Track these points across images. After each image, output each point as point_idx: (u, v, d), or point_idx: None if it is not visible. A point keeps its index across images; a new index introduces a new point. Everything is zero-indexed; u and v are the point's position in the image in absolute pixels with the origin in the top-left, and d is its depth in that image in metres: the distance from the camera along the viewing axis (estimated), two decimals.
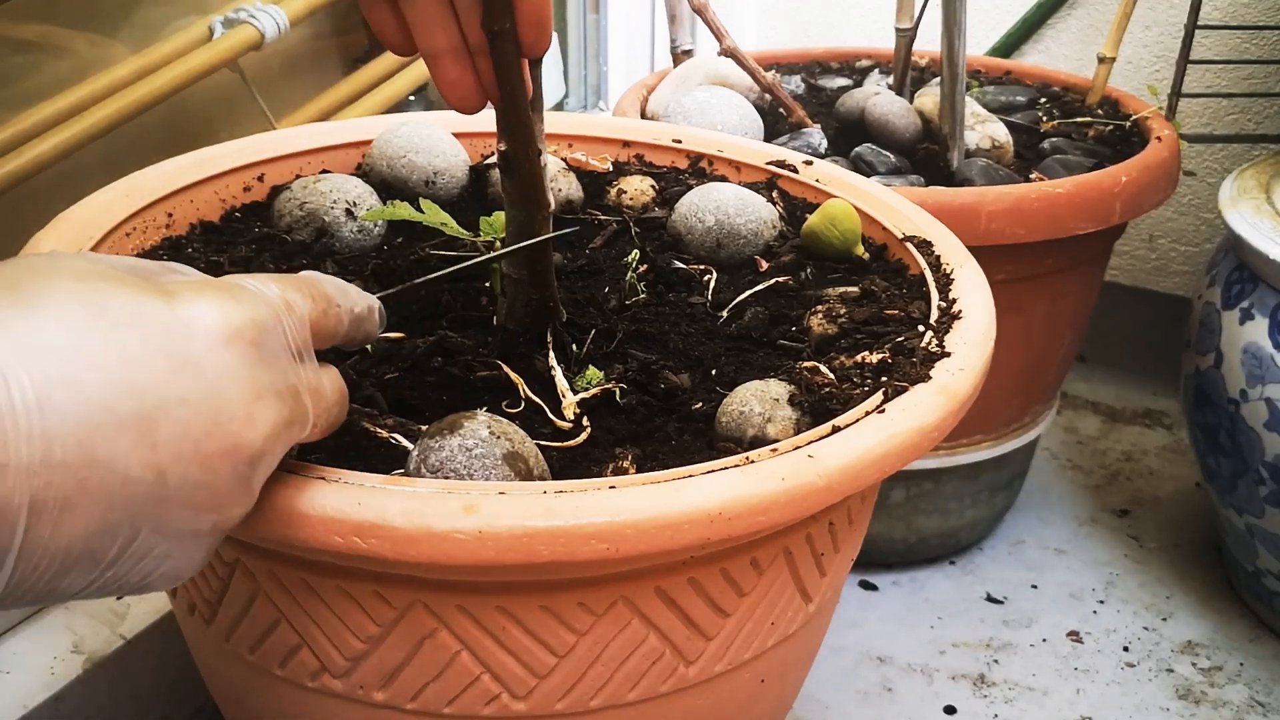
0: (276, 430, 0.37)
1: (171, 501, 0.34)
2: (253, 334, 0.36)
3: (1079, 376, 1.36)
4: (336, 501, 0.40)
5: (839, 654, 0.93)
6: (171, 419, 0.33)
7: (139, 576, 0.35)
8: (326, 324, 0.41)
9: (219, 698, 0.60)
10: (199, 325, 0.35)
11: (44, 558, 0.31)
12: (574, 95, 1.35)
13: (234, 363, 0.35)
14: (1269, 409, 0.87)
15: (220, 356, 0.35)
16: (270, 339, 0.37)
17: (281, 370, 0.37)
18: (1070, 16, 1.29)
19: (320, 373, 0.41)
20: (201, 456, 0.34)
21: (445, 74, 0.48)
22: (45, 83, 0.81)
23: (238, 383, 0.35)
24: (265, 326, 0.37)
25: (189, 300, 0.35)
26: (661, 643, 0.48)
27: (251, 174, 0.69)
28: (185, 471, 0.34)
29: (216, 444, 0.34)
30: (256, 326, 0.36)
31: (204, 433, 0.34)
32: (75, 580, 0.33)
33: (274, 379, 0.37)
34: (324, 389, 0.41)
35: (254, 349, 0.36)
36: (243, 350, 0.36)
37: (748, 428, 0.49)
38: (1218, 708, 0.90)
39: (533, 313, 0.56)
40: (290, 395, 0.38)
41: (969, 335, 0.54)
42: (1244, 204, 0.92)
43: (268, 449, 0.37)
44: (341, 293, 0.43)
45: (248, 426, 0.35)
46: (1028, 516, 1.11)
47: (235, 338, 0.35)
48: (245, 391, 0.35)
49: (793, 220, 0.70)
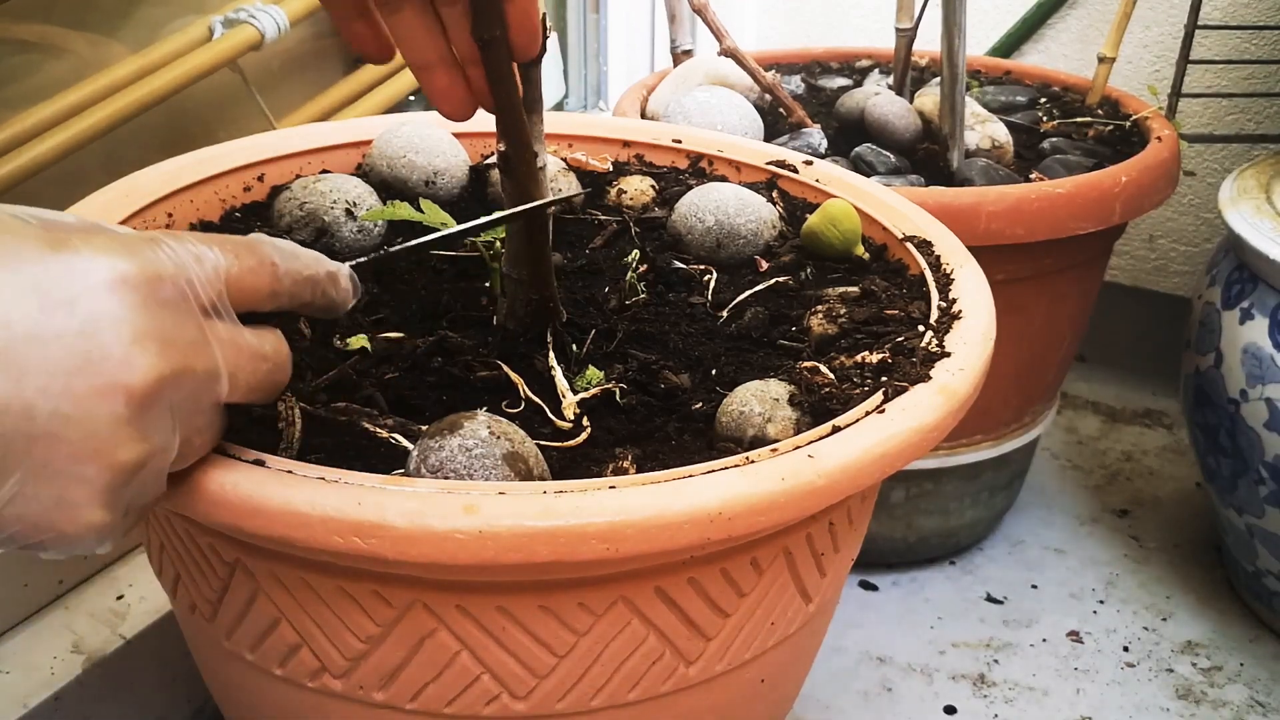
0: (162, 374, 0.37)
1: (43, 438, 0.34)
2: (139, 280, 0.36)
3: (1079, 376, 1.36)
4: (336, 501, 0.40)
5: (839, 654, 0.93)
6: (40, 355, 0.34)
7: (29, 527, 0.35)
8: (256, 282, 0.41)
9: (219, 698, 0.60)
10: (79, 269, 0.35)
11: None
12: (574, 95, 1.35)
13: (114, 306, 0.36)
14: (1269, 409, 0.87)
15: (99, 300, 0.35)
16: (164, 287, 0.37)
17: (175, 318, 0.38)
18: (1070, 16, 1.29)
19: (242, 330, 0.41)
20: (71, 394, 0.35)
21: (435, 84, 0.48)
22: (45, 83, 0.81)
23: (116, 324, 0.36)
24: (159, 274, 0.37)
25: (75, 248, 0.36)
26: (661, 643, 0.48)
27: (251, 174, 0.69)
28: (54, 406, 0.34)
29: (87, 381, 0.35)
30: (145, 274, 0.37)
31: (74, 368, 0.34)
32: None
33: (163, 325, 0.37)
34: (246, 344, 0.41)
35: (138, 294, 0.36)
36: (125, 295, 0.36)
37: (748, 428, 0.49)
38: (1218, 708, 0.90)
39: (533, 313, 0.56)
40: (186, 345, 0.38)
41: (969, 335, 0.54)
42: (1244, 204, 0.92)
43: (152, 392, 0.36)
44: (288, 255, 0.43)
45: (124, 367, 0.36)
46: (1028, 516, 1.11)
47: (118, 284, 0.36)
48: (124, 333, 0.36)
49: (793, 220, 0.70)
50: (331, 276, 0.45)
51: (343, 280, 0.46)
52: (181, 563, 0.52)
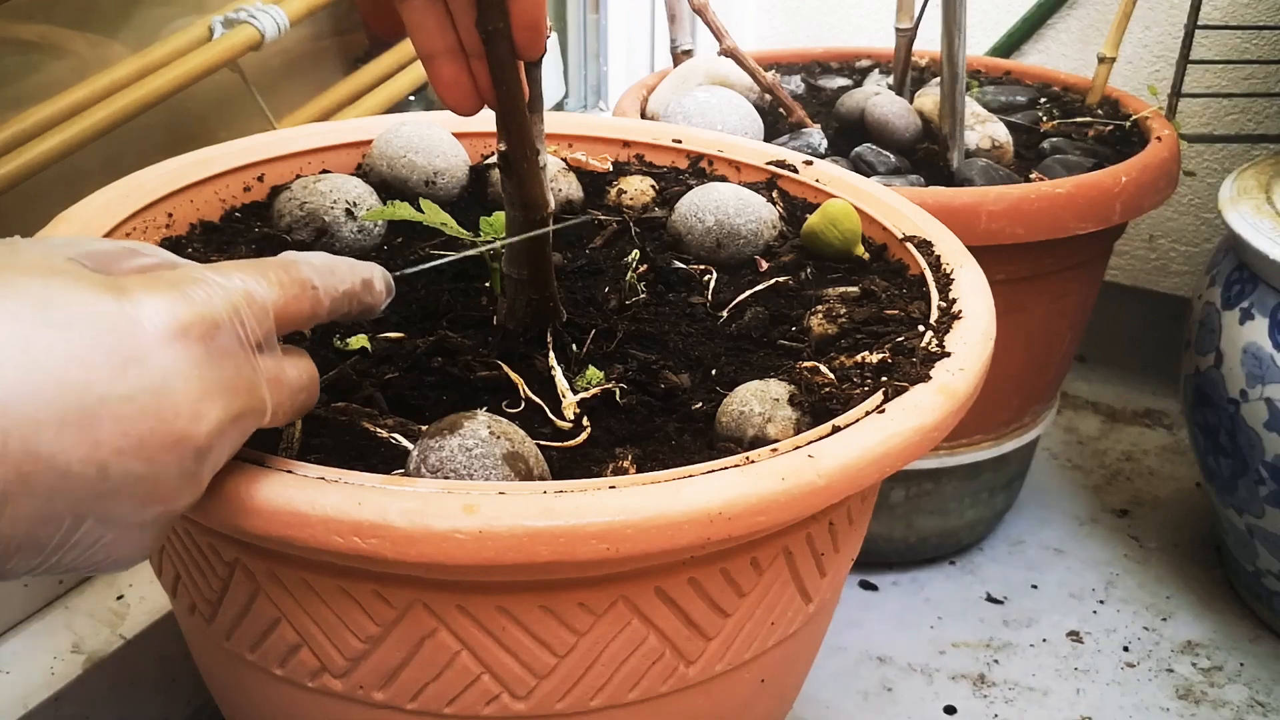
0: (224, 425, 0.37)
1: (114, 495, 0.34)
2: (201, 330, 0.36)
3: (1079, 376, 1.36)
4: (337, 501, 0.40)
5: (839, 654, 0.93)
6: (115, 415, 0.34)
7: (86, 562, 0.36)
8: (300, 308, 0.41)
9: (219, 698, 0.60)
10: (147, 322, 0.35)
11: None
12: (574, 95, 1.35)
13: (181, 360, 0.36)
14: (1269, 409, 0.87)
15: (167, 354, 0.35)
16: (223, 334, 0.37)
17: (234, 365, 0.38)
18: (1070, 16, 1.29)
19: (284, 361, 0.41)
20: (145, 452, 0.35)
21: (441, 75, 0.48)
22: (45, 83, 0.81)
23: (185, 380, 0.36)
24: (217, 322, 0.37)
25: (138, 297, 0.35)
26: (661, 643, 0.48)
27: (251, 174, 0.69)
28: (128, 466, 0.34)
29: (160, 440, 0.35)
30: (206, 322, 0.37)
31: (148, 429, 0.35)
32: (19, 564, 0.34)
33: (225, 374, 0.37)
34: (287, 377, 0.41)
35: (202, 345, 0.36)
36: (190, 347, 0.36)
37: (748, 427, 0.49)
38: (1218, 708, 0.90)
39: (533, 313, 0.56)
40: (244, 389, 0.38)
41: (969, 335, 0.54)
42: (1244, 204, 0.92)
43: (214, 443, 0.37)
44: (324, 272, 0.43)
45: (194, 423, 0.36)
46: (1028, 516, 1.11)
47: (183, 334, 0.36)
48: (192, 389, 0.36)
49: (793, 220, 0.70)
50: (367, 284, 0.45)
51: (377, 283, 0.46)
52: (181, 563, 0.52)
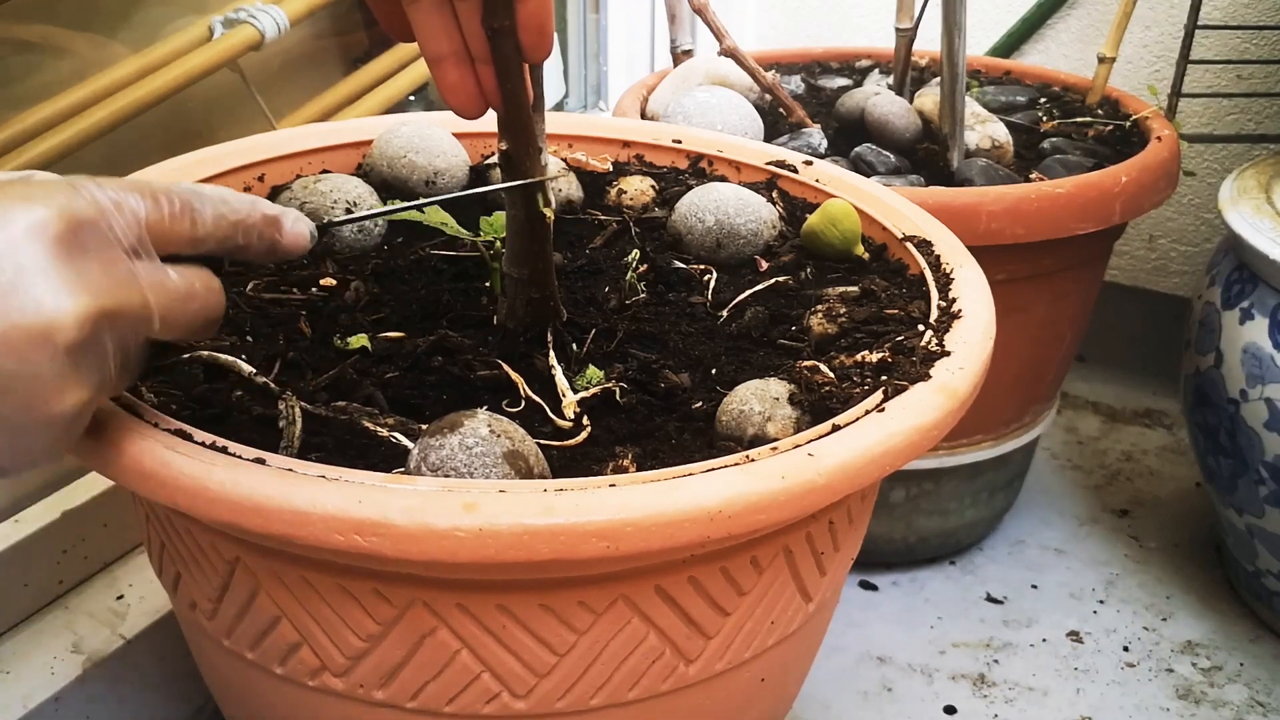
0: (94, 318, 0.38)
1: None
2: (60, 228, 0.37)
3: (1079, 376, 1.36)
4: (337, 500, 0.41)
5: (839, 654, 0.93)
6: None
7: None
8: (179, 227, 0.42)
9: (219, 697, 0.60)
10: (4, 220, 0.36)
11: None
12: (574, 95, 1.35)
13: (38, 255, 0.37)
14: (1269, 409, 0.87)
15: (22, 250, 0.36)
16: (88, 233, 0.38)
17: (101, 262, 0.38)
18: (1070, 16, 1.29)
19: (167, 269, 0.42)
20: (12, 348, 0.36)
21: (447, 78, 0.49)
22: (45, 83, 0.81)
23: (43, 274, 0.37)
24: (78, 220, 0.38)
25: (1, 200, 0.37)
26: (661, 641, 0.48)
27: (252, 174, 0.69)
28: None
29: (24, 334, 0.36)
30: (66, 220, 0.38)
31: (9, 324, 0.36)
32: None
33: (90, 271, 0.38)
34: (173, 284, 0.42)
35: (62, 243, 0.37)
36: (48, 244, 0.37)
37: (748, 426, 0.49)
38: (1218, 708, 0.90)
39: (533, 312, 0.56)
40: (115, 286, 0.39)
41: (969, 335, 0.54)
42: (1244, 204, 0.92)
43: (87, 338, 0.38)
44: (213, 200, 0.44)
45: (57, 315, 0.37)
46: (1028, 516, 1.11)
47: (39, 232, 0.37)
48: (52, 282, 0.37)
49: (793, 220, 0.70)
50: (270, 220, 0.46)
51: (287, 223, 0.46)
52: (182, 561, 0.52)
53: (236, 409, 0.49)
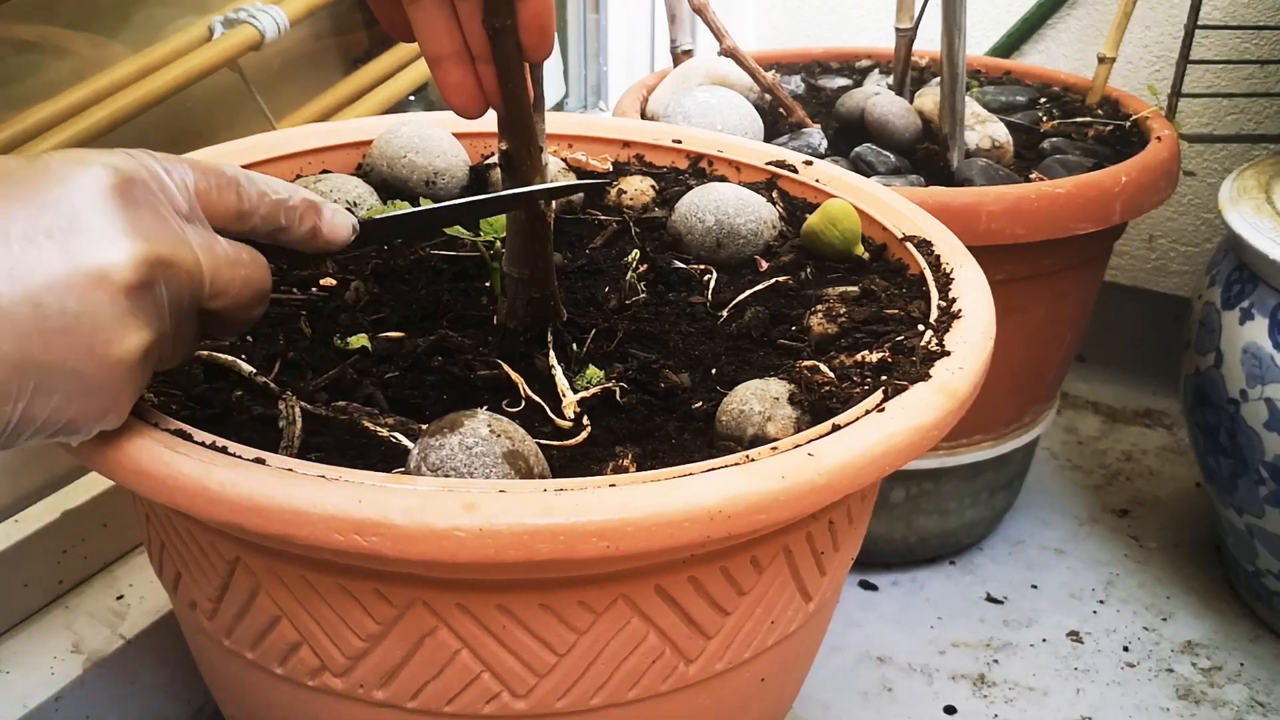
0: (148, 264, 0.38)
1: (55, 334, 0.36)
2: (115, 180, 0.38)
3: (1079, 376, 1.36)
4: (337, 499, 0.41)
5: (839, 654, 0.93)
6: (35, 253, 0.36)
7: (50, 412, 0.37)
8: (225, 199, 0.43)
9: (219, 697, 0.60)
10: (58, 172, 0.38)
11: None
12: (574, 95, 1.35)
13: (96, 201, 0.38)
14: (1269, 409, 0.87)
15: (80, 196, 0.38)
16: (140, 189, 0.39)
17: (153, 215, 0.39)
18: (1070, 16, 1.29)
19: (217, 237, 0.42)
20: (73, 288, 0.37)
21: (448, 78, 0.49)
22: (45, 83, 0.81)
23: (101, 218, 0.38)
24: (133, 177, 0.39)
25: (48, 158, 0.38)
26: (661, 641, 0.48)
27: None
28: (60, 301, 0.36)
29: (85, 274, 0.37)
30: (120, 174, 0.39)
31: (70, 263, 0.37)
32: None
33: (143, 220, 0.39)
34: (223, 250, 0.42)
35: (117, 193, 0.38)
36: (104, 192, 0.38)
37: (748, 426, 0.49)
38: (1218, 708, 0.90)
39: (533, 312, 0.56)
40: (167, 238, 0.39)
41: (968, 334, 0.54)
42: (1244, 204, 0.92)
43: (142, 282, 0.38)
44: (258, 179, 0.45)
45: (115, 256, 0.37)
46: (1028, 516, 1.11)
47: (95, 181, 0.38)
48: (109, 227, 0.38)
49: (793, 220, 0.70)
50: (312, 205, 0.46)
51: (327, 212, 0.47)
52: (182, 561, 0.52)
53: (236, 409, 0.49)
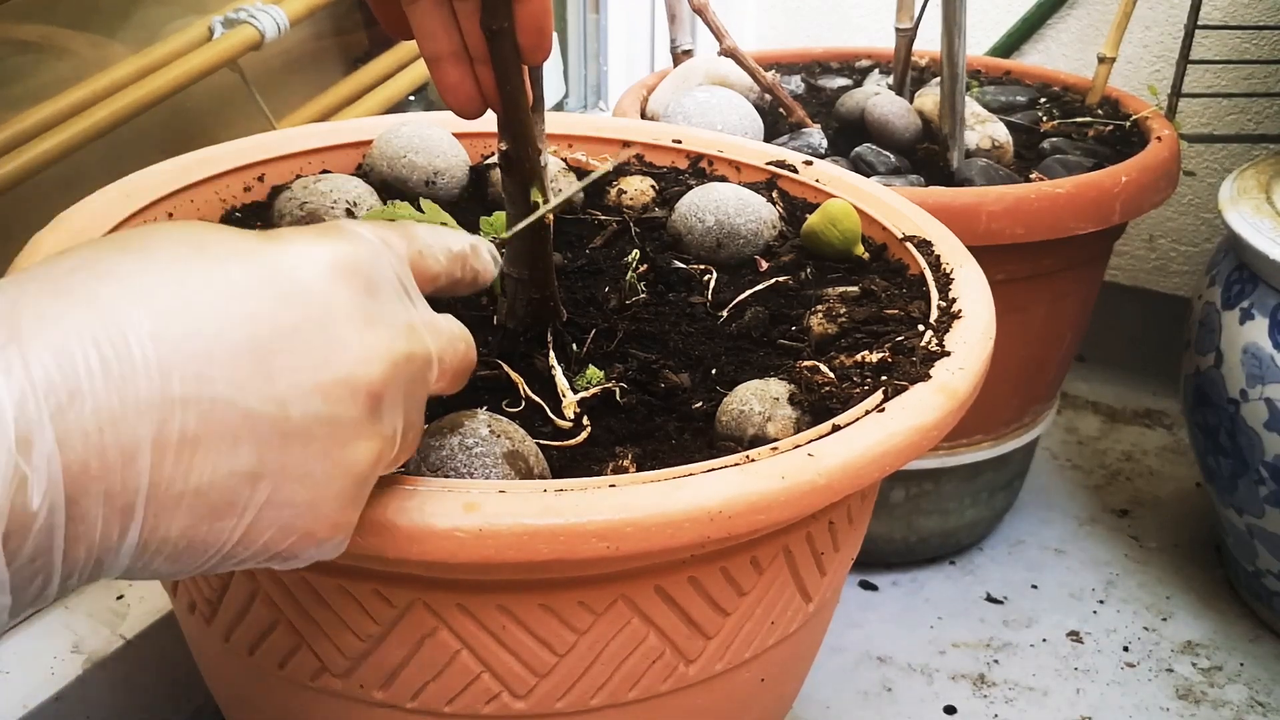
0: (395, 362, 0.36)
1: (297, 437, 0.33)
2: (355, 265, 0.35)
3: (1079, 376, 1.36)
4: None
5: (839, 654, 0.93)
6: (286, 349, 0.32)
7: (277, 530, 0.33)
8: (425, 265, 0.40)
9: (219, 697, 0.60)
10: (303, 257, 0.34)
11: (175, 501, 0.30)
12: (574, 95, 1.35)
13: (342, 292, 0.34)
14: (1269, 409, 0.87)
15: (327, 286, 0.34)
16: (376, 273, 0.36)
17: (392, 304, 0.37)
18: (1070, 16, 1.29)
19: (434, 313, 0.40)
20: (320, 387, 0.33)
21: (446, 78, 0.49)
22: (45, 83, 0.81)
23: (348, 311, 0.34)
24: (369, 260, 0.36)
25: (289, 238, 0.35)
26: (661, 642, 0.48)
27: (252, 174, 0.69)
28: (305, 403, 0.33)
29: (332, 373, 0.34)
30: (359, 259, 0.36)
31: (321, 360, 0.33)
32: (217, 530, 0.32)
33: (385, 311, 0.36)
34: (441, 324, 0.39)
35: (359, 280, 0.35)
36: (349, 281, 0.35)
37: (748, 426, 0.49)
38: (1218, 708, 0.90)
39: (533, 312, 0.56)
40: (404, 329, 0.37)
41: (969, 335, 0.54)
42: (1244, 204, 0.92)
43: (387, 385, 0.35)
44: (438, 233, 0.42)
45: (364, 356, 0.34)
46: (1028, 516, 1.11)
47: (339, 268, 0.35)
48: (356, 320, 0.35)
49: (793, 220, 0.70)
50: (475, 249, 0.43)
51: (484, 252, 0.44)
52: None
53: None
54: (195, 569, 0.33)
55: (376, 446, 0.36)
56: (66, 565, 0.29)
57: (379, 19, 0.49)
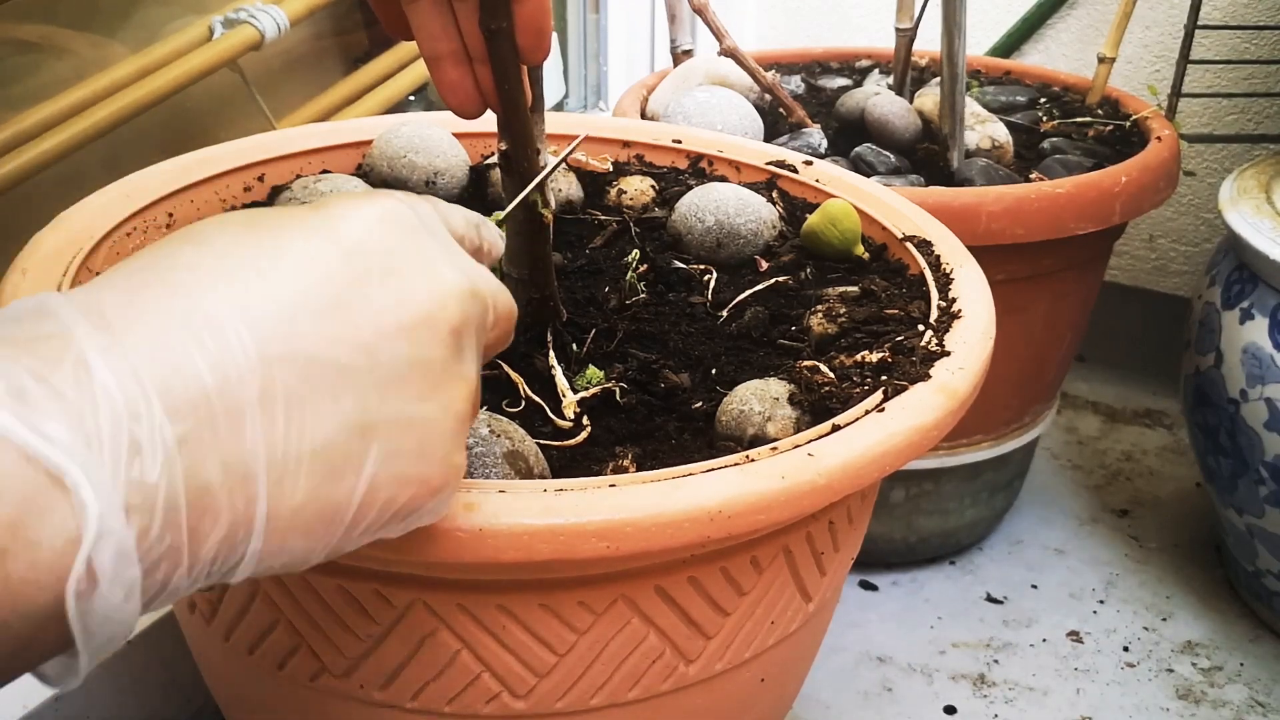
0: (464, 298, 0.36)
1: (391, 383, 0.33)
2: (405, 216, 0.36)
3: (1079, 376, 1.36)
4: None
5: (839, 654, 0.93)
6: (361, 300, 0.33)
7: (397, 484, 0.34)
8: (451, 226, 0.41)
9: (219, 697, 0.60)
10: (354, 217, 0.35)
11: (294, 465, 0.31)
12: (574, 95, 1.35)
13: (402, 239, 0.35)
14: (1269, 409, 0.87)
15: (385, 235, 0.35)
16: (427, 221, 0.37)
17: (448, 247, 0.37)
18: (1070, 16, 1.29)
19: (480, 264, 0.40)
20: (403, 329, 0.34)
21: (445, 77, 0.49)
22: (45, 83, 0.81)
23: (410, 255, 0.35)
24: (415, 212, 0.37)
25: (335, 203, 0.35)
26: (661, 641, 0.48)
27: (252, 174, 0.69)
28: (393, 348, 0.33)
29: (410, 314, 0.34)
30: (406, 212, 0.36)
31: (396, 304, 0.34)
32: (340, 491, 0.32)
33: (442, 253, 0.36)
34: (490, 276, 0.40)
35: (413, 227, 0.36)
36: (404, 228, 0.36)
37: (748, 426, 0.49)
38: (1218, 708, 0.90)
39: (533, 312, 0.56)
40: (464, 268, 0.37)
41: (968, 335, 0.54)
42: (1244, 204, 0.92)
43: (463, 317, 0.36)
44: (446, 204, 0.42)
45: (436, 295, 0.35)
46: (1028, 516, 1.11)
47: (391, 220, 0.35)
48: (420, 263, 0.35)
49: (793, 220, 0.70)
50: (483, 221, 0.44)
51: (491, 225, 0.45)
52: None
53: None
54: (329, 545, 0.33)
55: (467, 385, 0.36)
56: (194, 543, 0.29)
57: (379, 19, 0.49)
